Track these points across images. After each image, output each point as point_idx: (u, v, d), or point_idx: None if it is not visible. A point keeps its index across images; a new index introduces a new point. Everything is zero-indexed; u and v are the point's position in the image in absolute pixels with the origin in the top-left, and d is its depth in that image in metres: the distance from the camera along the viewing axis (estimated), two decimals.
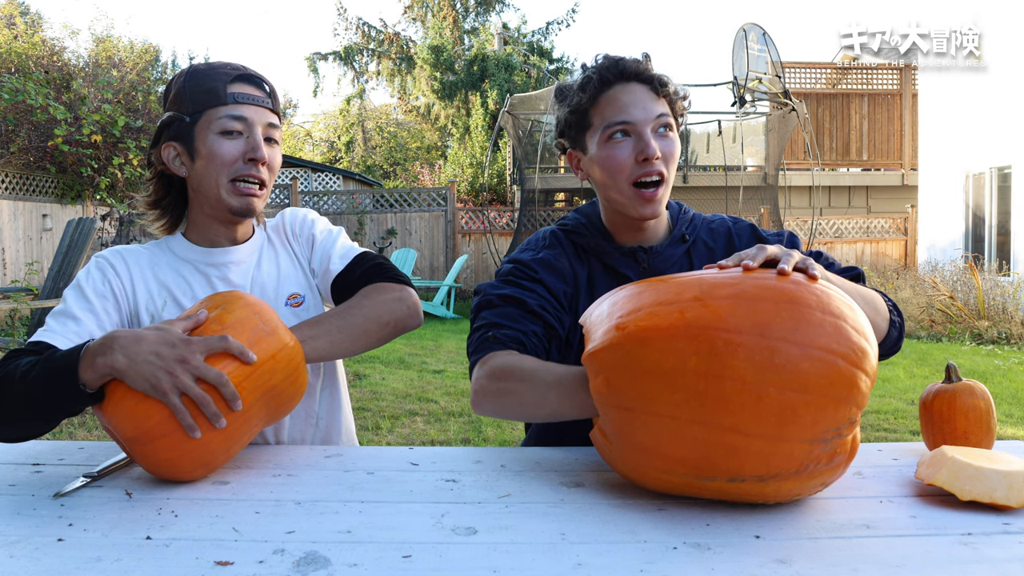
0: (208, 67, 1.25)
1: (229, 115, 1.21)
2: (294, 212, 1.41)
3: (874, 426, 4.27)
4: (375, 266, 1.31)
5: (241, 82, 1.24)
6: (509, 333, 1.17)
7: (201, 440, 0.94)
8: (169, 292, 1.27)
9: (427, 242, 12.22)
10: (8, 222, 8.79)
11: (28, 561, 0.74)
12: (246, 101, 1.22)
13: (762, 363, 0.80)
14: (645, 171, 1.20)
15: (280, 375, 1.03)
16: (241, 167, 1.22)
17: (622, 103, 1.21)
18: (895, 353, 1.24)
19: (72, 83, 10.33)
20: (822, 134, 13.41)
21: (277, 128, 1.26)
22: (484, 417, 4.44)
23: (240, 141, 1.22)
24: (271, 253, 1.35)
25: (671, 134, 1.23)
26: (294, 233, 1.38)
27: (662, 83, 1.23)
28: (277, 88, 1.32)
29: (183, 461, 0.96)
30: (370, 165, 24.94)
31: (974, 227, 10.11)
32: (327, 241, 1.36)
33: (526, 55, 20.46)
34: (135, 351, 0.94)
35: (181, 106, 1.24)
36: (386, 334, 1.23)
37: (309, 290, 1.35)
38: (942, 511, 0.88)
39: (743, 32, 10.98)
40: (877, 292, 1.22)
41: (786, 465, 0.82)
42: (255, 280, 1.31)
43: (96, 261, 1.28)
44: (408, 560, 0.75)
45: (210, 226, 1.30)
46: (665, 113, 1.22)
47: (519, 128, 11.84)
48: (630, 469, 0.92)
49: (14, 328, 4.80)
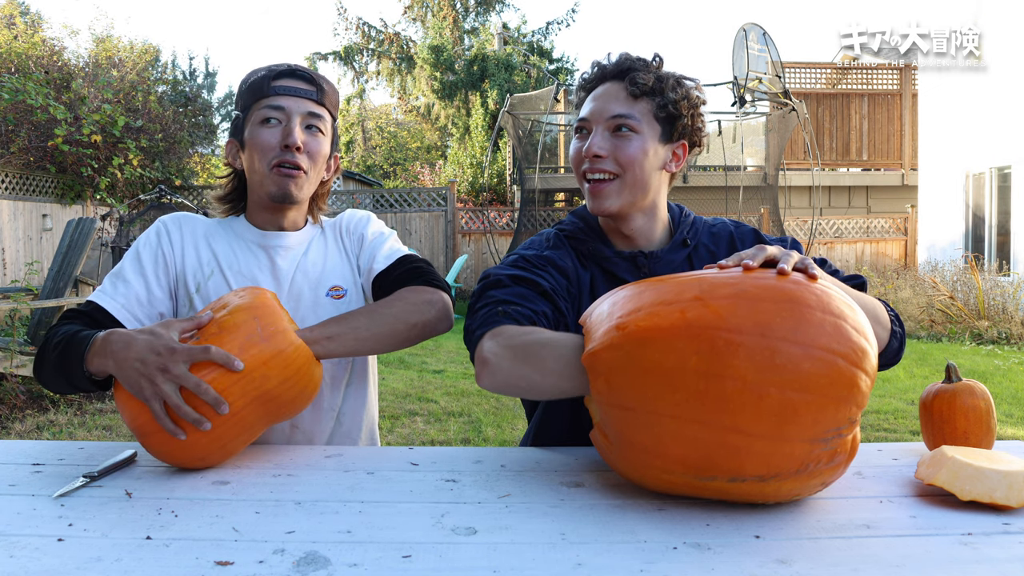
0: (265, 67, 1.32)
1: (269, 105, 1.27)
2: (353, 212, 1.46)
3: (874, 426, 4.27)
4: (414, 268, 1.33)
5: (287, 77, 1.30)
6: (521, 311, 1.13)
7: (190, 440, 0.99)
8: (217, 263, 1.32)
9: (427, 242, 12.21)
10: (8, 222, 8.79)
11: (28, 561, 0.74)
12: (285, 92, 1.27)
13: (763, 363, 0.80)
14: (588, 168, 1.22)
15: (275, 380, 1.04)
16: (279, 153, 1.26)
17: (589, 100, 1.24)
18: (895, 364, 1.22)
19: (72, 83, 10.33)
20: (822, 134, 13.41)
21: (320, 118, 1.30)
22: (484, 417, 4.44)
23: (278, 129, 1.27)
24: (321, 244, 1.39)
25: (631, 136, 1.20)
26: (348, 230, 1.42)
27: (634, 82, 1.20)
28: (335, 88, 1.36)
29: (178, 454, 1.01)
30: (370, 165, 24.93)
31: (974, 227, 10.11)
32: (376, 241, 1.39)
33: (526, 55, 20.45)
34: (123, 356, 1.01)
35: (238, 104, 1.33)
36: (414, 335, 1.23)
37: (353, 285, 1.37)
38: (942, 511, 0.88)
39: (743, 32, 10.98)
40: (879, 301, 1.21)
41: (787, 465, 0.82)
42: (300, 266, 1.35)
43: (156, 226, 1.35)
44: (408, 560, 0.75)
45: (259, 213, 1.35)
46: (625, 114, 1.20)
47: (519, 128, 11.84)
48: (630, 469, 0.92)
49: (14, 328, 4.79)
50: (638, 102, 1.21)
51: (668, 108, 1.21)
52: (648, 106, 1.21)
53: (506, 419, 4.45)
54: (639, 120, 1.20)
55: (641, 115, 1.21)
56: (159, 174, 10.73)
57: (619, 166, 1.20)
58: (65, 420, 4.30)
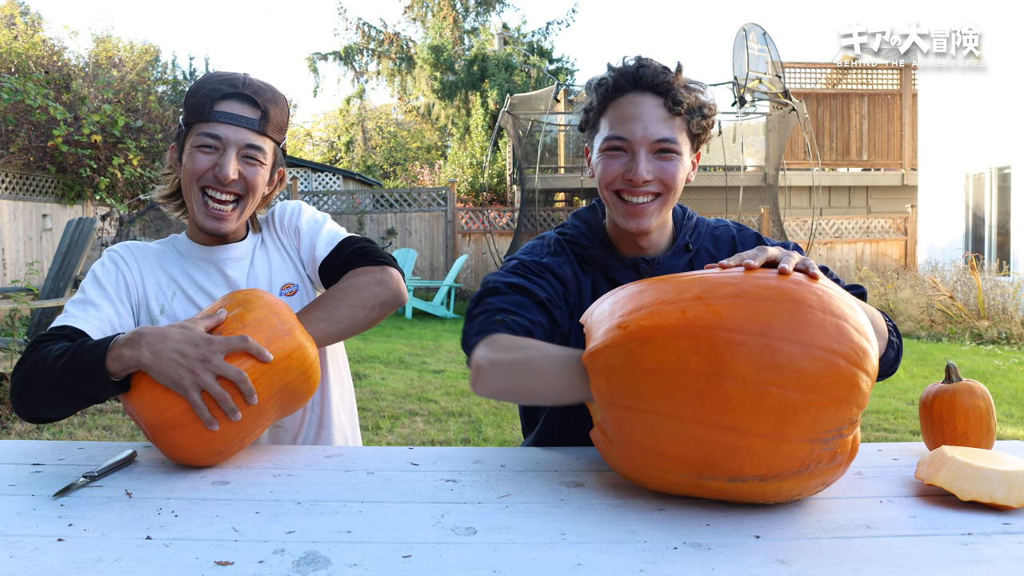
0: (210, 79, 1.29)
1: (206, 132, 1.25)
2: (282, 207, 1.44)
3: (874, 426, 4.28)
4: (357, 250, 1.33)
5: (232, 100, 1.26)
6: (519, 320, 1.15)
7: (215, 433, 1.01)
8: (177, 284, 1.33)
9: (427, 242, 12.21)
10: (8, 222, 8.79)
11: (28, 561, 0.74)
12: (226, 120, 1.25)
13: (763, 362, 0.80)
14: (630, 190, 1.20)
15: (295, 372, 1.08)
16: (209, 179, 1.25)
17: (626, 116, 1.19)
18: (891, 374, 1.22)
19: (72, 83, 10.32)
20: (822, 134, 13.40)
21: (259, 149, 1.27)
22: (484, 417, 4.44)
23: (212, 156, 1.25)
24: (263, 248, 1.40)
25: (674, 157, 1.20)
26: (282, 226, 1.42)
27: (676, 101, 1.17)
28: (284, 99, 1.33)
29: (200, 449, 1.02)
30: (370, 165, 24.92)
31: (974, 227, 10.11)
32: (313, 229, 1.39)
33: (526, 55, 20.45)
34: (160, 348, 1.01)
35: (182, 114, 1.30)
36: (374, 317, 1.26)
37: (300, 279, 1.39)
38: (942, 511, 0.88)
39: (743, 32, 10.98)
40: (878, 311, 1.20)
41: (787, 465, 0.82)
42: (250, 275, 1.36)
43: (108, 254, 1.35)
44: (408, 560, 0.75)
45: (199, 233, 1.35)
46: (669, 139, 1.18)
47: (519, 128, 11.84)
48: (631, 468, 0.92)
49: (14, 328, 4.79)
50: (675, 120, 1.19)
51: (700, 125, 1.22)
52: (683, 123, 1.20)
53: (506, 419, 4.45)
54: (678, 141, 1.20)
55: (679, 134, 1.20)
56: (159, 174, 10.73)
57: (662, 186, 1.20)
58: (65, 420, 4.30)
